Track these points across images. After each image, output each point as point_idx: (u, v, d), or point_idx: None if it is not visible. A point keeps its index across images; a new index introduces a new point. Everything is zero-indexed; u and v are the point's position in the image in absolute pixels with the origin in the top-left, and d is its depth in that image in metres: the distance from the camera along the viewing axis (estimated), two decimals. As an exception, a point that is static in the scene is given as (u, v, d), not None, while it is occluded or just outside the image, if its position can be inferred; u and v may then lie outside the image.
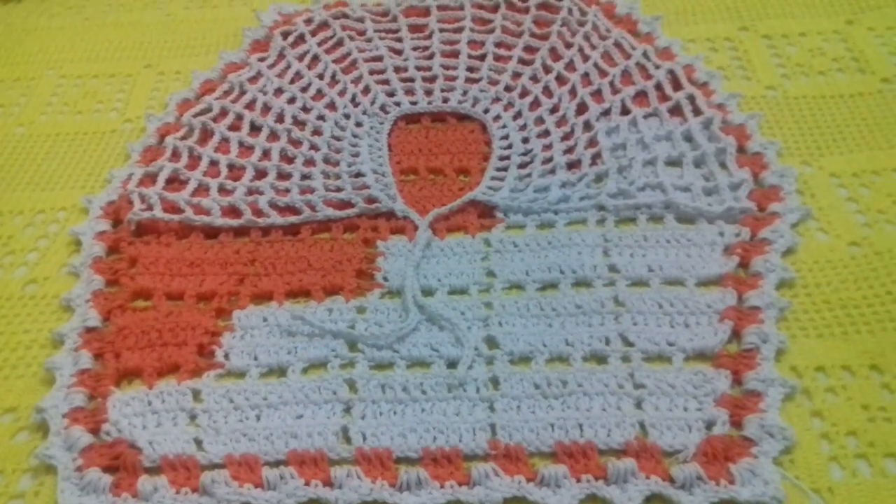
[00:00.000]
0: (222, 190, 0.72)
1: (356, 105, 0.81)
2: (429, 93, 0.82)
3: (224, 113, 0.80)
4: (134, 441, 0.54)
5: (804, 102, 0.78)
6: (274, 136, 0.77)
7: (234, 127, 0.78)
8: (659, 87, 0.79)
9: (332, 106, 0.81)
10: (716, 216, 0.67)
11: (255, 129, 0.78)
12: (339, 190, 0.71)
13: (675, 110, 0.77)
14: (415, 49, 0.87)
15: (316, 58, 0.86)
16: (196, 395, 0.57)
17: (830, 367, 0.56)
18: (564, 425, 0.53)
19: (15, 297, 0.65)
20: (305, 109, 0.80)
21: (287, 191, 0.72)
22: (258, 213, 0.70)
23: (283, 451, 0.53)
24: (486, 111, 0.79)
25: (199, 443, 0.54)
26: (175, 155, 0.76)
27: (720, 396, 0.54)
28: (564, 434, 0.53)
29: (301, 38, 0.89)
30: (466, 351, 0.57)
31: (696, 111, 0.76)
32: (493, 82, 0.82)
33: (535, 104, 0.79)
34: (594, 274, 0.63)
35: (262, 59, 0.86)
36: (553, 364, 0.57)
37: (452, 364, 0.58)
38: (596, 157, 0.73)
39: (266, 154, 0.76)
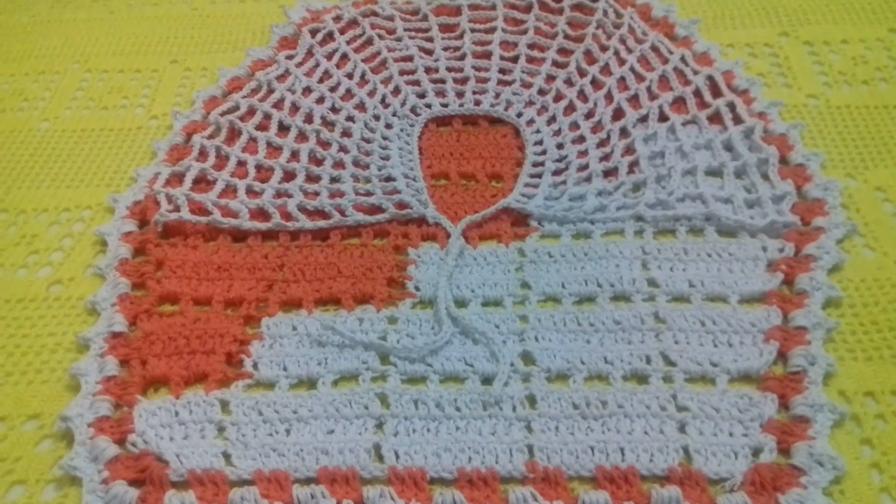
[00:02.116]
0: (250, 191, 0.71)
1: (386, 106, 0.79)
2: (460, 95, 0.80)
3: (252, 112, 0.78)
4: (161, 454, 0.52)
5: (847, 112, 0.76)
6: (302, 136, 0.76)
7: (262, 126, 0.77)
8: (698, 93, 0.77)
9: (361, 107, 0.79)
10: (758, 230, 0.65)
11: (283, 129, 0.77)
12: (369, 194, 0.70)
13: (715, 118, 0.75)
14: (446, 49, 0.85)
15: (345, 56, 0.85)
16: (224, 406, 0.56)
17: (880, 392, 0.54)
18: (605, 448, 0.51)
19: (39, 298, 0.64)
20: (334, 110, 0.79)
21: (316, 194, 0.70)
22: (287, 216, 0.68)
23: (313, 467, 0.51)
24: (520, 115, 0.77)
25: (227, 457, 0.52)
26: (202, 154, 0.74)
27: (767, 422, 0.52)
28: (605, 458, 0.51)
29: (330, 36, 0.87)
30: (502, 367, 0.56)
31: (737, 119, 0.74)
32: (527, 85, 0.80)
33: (570, 109, 0.77)
34: (633, 288, 0.61)
35: (290, 57, 0.85)
36: (592, 382, 0.56)
37: (487, 380, 0.56)
38: (633, 165, 0.71)
39: (294, 155, 0.74)
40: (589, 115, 0.76)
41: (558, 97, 0.79)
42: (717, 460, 0.50)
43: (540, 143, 0.74)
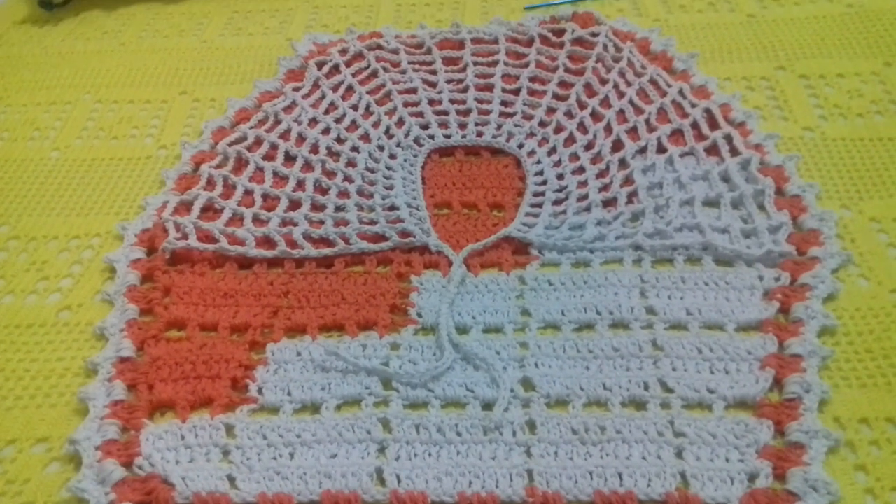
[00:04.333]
0: (256, 220, 0.72)
1: (390, 137, 0.81)
2: (463, 126, 0.82)
3: (259, 142, 0.80)
4: (167, 476, 0.53)
5: (842, 145, 0.77)
6: (308, 166, 0.78)
7: (268, 156, 0.79)
8: (695, 125, 0.79)
9: (366, 137, 0.81)
10: (755, 259, 0.66)
11: (289, 158, 0.79)
12: (373, 223, 0.71)
13: (712, 150, 0.76)
14: (449, 82, 0.87)
15: (350, 88, 0.87)
16: (229, 430, 0.57)
17: (874, 419, 0.55)
18: (603, 473, 0.52)
19: (49, 323, 0.65)
20: (340, 140, 0.80)
21: (321, 222, 0.71)
22: (292, 244, 0.69)
23: (316, 491, 0.52)
24: (521, 146, 0.79)
25: (232, 480, 0.53)
26: (210, 183, 0.76)
27: (763, 447, 0.53)
28: (603, 483, 0.52)
29: (336, 69, 0.89)
30: (502, 392, 0.57)
31: (734, 151, 0.75)
32: (528, 117, 0.82)
33: (570, 140, 0.79)
34: (631, 316, 0.62)
35: (296, 89, 0.86)
36: (591, 408, 0.57)
37: (488, 405, 0.57)
38: (632, 196, 0.72)
39: (300, 184, 0.76)
40: (589, 147, 0.78)
41: (559, 129, 0.80)
42: (714, 485, 0.51)
43: (540, 173, 0.76)
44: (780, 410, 0.55)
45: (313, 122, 0.82)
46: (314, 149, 0.79)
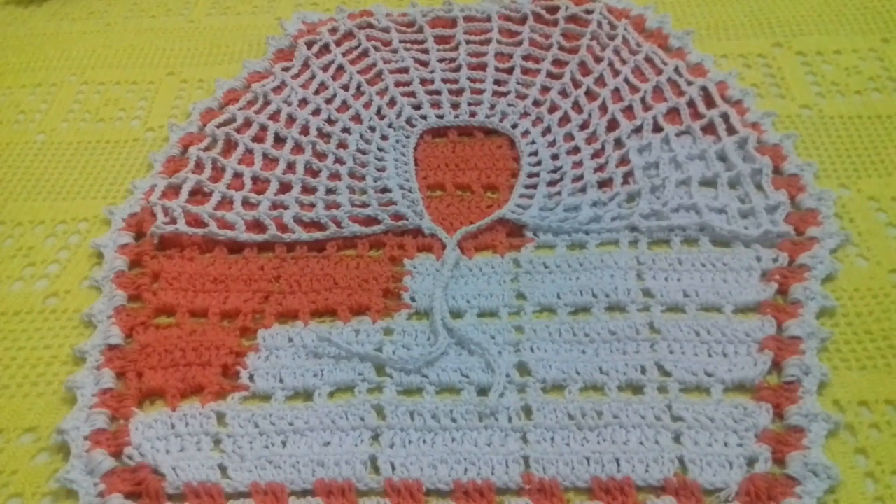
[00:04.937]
0: (246, 203, 0.71)
1: (382, 118, 0.80)
2: (455, 106, 0.80)
3: (248, 123, 0.78)
4: (157, 466, 0.52)
5: (840, 123, 0.76)
6: (299, 148, 0.76)
7: (258, 138, 0.77)
8: (691, 104, 0.78)
9: (357, 118, 0.79)
10: (752, 240, 0.65)
11: (279, 140, 0.77)
12: (364, 205, 0.70)
13: (709, 128, 0.75)
14: (441, 61, 0.86)
15: (341, 68, 0.85)
16: (220, 418, 0.56)
17: (874, 401, 0.54)
18: (600, 459, 0.51)
19: (35, 310, 0.64)
20: (330, 121, 0.79)
21: (312, 205, 0.70)
22: (283, 228, 0.68)
23: (309, 479, 0.51)
24: (515, 126, 0.78)
25: (223, 469, 0.52)
26: (198, 166, 0.74)
27: (762, 431, 0.52)
28: (601, 468, 0.51)
29: (326, 48, 0.87)
30: (498, 378, 0.56)
31: (731, 130, 0.74)
32: (522, 96, 0.81)
33: (565, 120, 0.78)
34: (628, 298, 0.61)
35: (286, 69, 0.85)
36: (587, 393, 0.56)
37: (483, 391, 0.56)
38: (628, 176, 0.71)
39: (291, 167, 0.74)
40: (584, 126, 0.77)
41: (553, 108, 0.79)
42: (712, 470, 0.50)
43: (535, 153, 0.75)
44: (778, 393, 0.54)
45: (303, 102, 0.81)
46: (304, 130, 0.78)
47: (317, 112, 0.80)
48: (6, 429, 0.56)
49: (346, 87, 0.83)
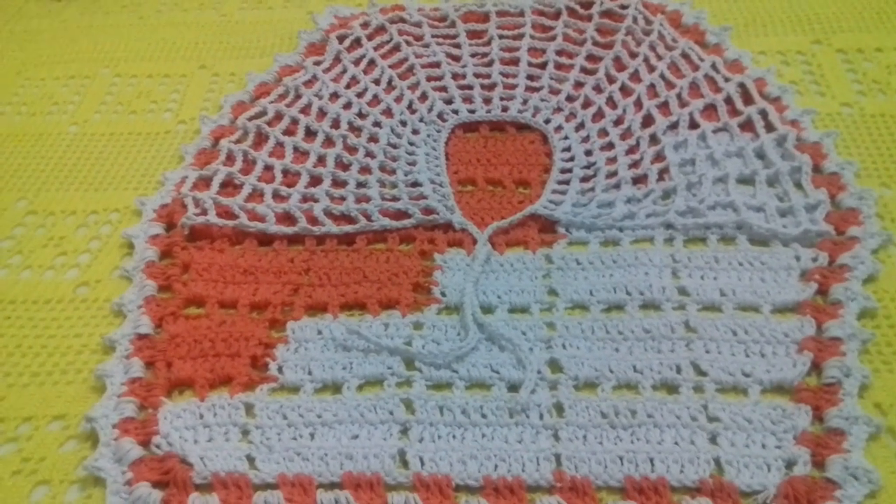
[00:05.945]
0: (277, 196, 0.70)
1: (413, 112, 0.79)
2: (487, 101, 0.80)
3: (279, 117, 0.78)
4: (185, 456, 0.52)
5: (882, 121, 0.74)
6: (329, 141, 0.76)
7: (288, 131, 0.77)
8: (729, 100, 0.76)
9: (388, 112, 0.79)
10: (791, 239, 0.63)
11: (310, 134, 0.77)
12: (395, 199, 0.69)
13: (747, 125, 0.74)
14: (473, 56, 0.85)
15: (372, 62, 0.85)
16: (249, 409, 0.55)
17: (917, 405, 0.53)
18: (634, 459, 0.50)
19: (66, 299, 0.64)
20: (361, 115, 0.78)
21: (342, 199, 0.70)
22: (313, 220, 0.68)
23: (337, 472, 0.51)
24: (547, 121, 0.77)
25: (251, 460, 0.52)
26: (229, 158, 0.74)
27: (801, 434, 0.51)
28: (634, 468, 0.50)
29: (357, 42, 0.87)
30: (529, 374, 0.55)
31: (769, 127, 0.73)
32: (555, 91, 0.80)
33: (599, 115, 0.77)
34: (663, 296, 0.60)
35: (317, 63, 0.85)
36: (620, 391, 0.55)
37: (513, 387, 0.55)
38: (663, 173, 0.70)
39: (321, 160, 0.74)
40: (618, 122, 0.76)
41: (587, 103, 0.78)
42: (750, 472, 0.49)
43: (568, 149, 0.74)
44: (818, 395, 0.53)
45: (334, 96, 0.80)
46: (335, 124, 0.77)
47: (348, 106, 0.79)
48: (35, 416, 0.56)
49: (377, 82, 0.82)
